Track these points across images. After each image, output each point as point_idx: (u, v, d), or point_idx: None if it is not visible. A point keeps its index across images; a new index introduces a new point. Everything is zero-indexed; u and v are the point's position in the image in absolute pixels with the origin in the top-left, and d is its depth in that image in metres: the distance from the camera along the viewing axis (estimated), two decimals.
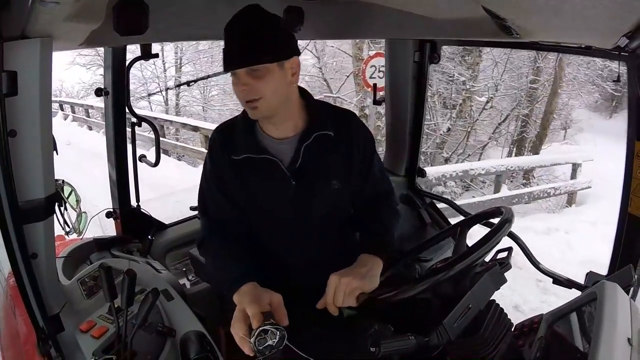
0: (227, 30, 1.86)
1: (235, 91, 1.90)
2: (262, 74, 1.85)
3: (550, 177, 13.93)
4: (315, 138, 1.99)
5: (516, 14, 1.65)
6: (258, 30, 1.85)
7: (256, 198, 2.03)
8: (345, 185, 2.07)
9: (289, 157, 2.00)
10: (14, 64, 1.41)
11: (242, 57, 1.84)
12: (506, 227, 1.88)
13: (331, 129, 2.03)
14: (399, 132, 3.32)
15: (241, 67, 1.84)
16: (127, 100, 2.69)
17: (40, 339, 1.66)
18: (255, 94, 1.86)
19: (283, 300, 1.76)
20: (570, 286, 2.21)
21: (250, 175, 2.00)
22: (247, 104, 1.88)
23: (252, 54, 1.84)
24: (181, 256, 3.08)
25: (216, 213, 2.06)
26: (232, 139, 2.03)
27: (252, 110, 1.90)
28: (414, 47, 3.06)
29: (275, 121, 2.00)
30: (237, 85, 1.86)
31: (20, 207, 1.52)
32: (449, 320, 1.68)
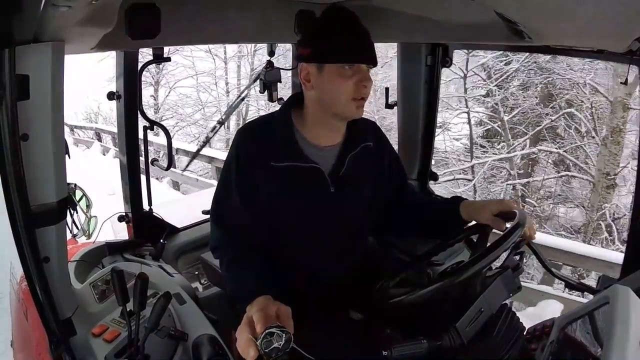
0: (352, 22, 1.90)
1: (344, 87, 1.87)
2: (370, 75, 1.90)
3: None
4: (361, 148, 2.04)
5: (528, 17, 1.64)
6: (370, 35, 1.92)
7: (291, 205, 1.99)
8: (375, 194, 2.10)
9: (331, 164, 2.01)
10: (26, 67, 1.41)
11: (372, 53, 1.91)
12: (519, 231, 1.86)
13: (371, 139, 2.08)
14: (411, 136, 3.31)
15: (372, 63, 1.90)
16: (140, 104, 2.70)
17: (53, 342, 1.66)
18: (367, 93, 1.90)
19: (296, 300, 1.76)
20: (583, 290, 2.19)
21: (290, 182, 1.96)
22: (358, 101, 1.90)
23: (375, 53, 1.92)
24: (193, 260, 3.08)
25: (234, 220, 1.99)
26: (268, 143, 1.97)
27: (359, 108, 1.92)
28: (425, 51, 3.05)
29: (337, 126, 2.01)
30: (354, 80, 1.87)
31: (33, 210, 1.53)
32: (461, 324, 1.67)
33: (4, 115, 1.39)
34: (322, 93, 1.92)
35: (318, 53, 1.89)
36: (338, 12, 1.92)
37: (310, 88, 1.94)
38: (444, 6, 2.02)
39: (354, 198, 2.05)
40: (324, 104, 1.94)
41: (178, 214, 3.36)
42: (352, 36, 1.87)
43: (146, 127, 2.76)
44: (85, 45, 1.92)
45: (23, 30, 1.37)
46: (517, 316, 1.86)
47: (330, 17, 1.91)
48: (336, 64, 1.86)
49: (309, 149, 1.98)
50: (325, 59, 1.87)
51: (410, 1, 2.13)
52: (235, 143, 2.00)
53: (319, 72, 1.89)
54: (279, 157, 1.94)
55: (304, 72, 1.93)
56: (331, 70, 1.87)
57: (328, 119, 1.98)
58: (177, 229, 3.06)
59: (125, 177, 2.83)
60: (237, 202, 1.97)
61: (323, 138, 2.01)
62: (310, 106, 1.99)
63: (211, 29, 2.37)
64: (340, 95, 1.88)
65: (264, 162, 1.94)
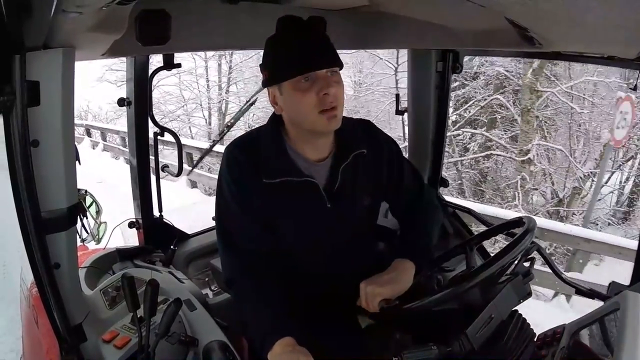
0: (293, 33, 1.80)
1: (306, 101, 1.76)
2: (338, 78, 1.80)
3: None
4: (353, 158, 1.94)
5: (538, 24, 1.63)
6: (325, 36, 1.84)
7: (288, 221, 1.94)
8: (375, 200, 2.05)
9: (325, 178, 1.94)
10: (36, 74, 1.42)
11: (326, 57, 1.80)
12: (528, 237, 1.85)
13: (364, 146, 1.98)
14: (421, 142, 3.30)
15: (326, 67, 1.77)
16: (150, 110, 2.70)
17: (63, 349, 1.66)
18: (336, 100, 1.77)
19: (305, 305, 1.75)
20: (593, 296, 2.17)
21: (285, 198, 1.89)
22: (327, 112, 1.77)
23: (333, 55, 1.81)
24: (203, 266, 3.08)
25: (247, 244, 1.89)
26: (259, 160, 1.89)
27: (330, 120, 1.79)
28: (436, 57, 3.04)
29: (322, 140, 1.92)
30: (314, 90, 1.75)
31: (43, 217, 1.53)
32: (472, 330, 1.66)
33: (14, 121, 1.40)
34: (290, 113, 1.86)
35: (272, 74, 1.83)
36: (284, 23, 1.84)
37: (280, 110, 1.87)
38: (455, 12, 2.01)
39: (353, 210, 1.99)
40: (296, 123, 1.87)
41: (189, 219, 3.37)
42: (298, 45, 1.77)
43: (157, 133, 2.77)
44: (96, 51, 1.92)
45: (33, 36, 1.38)
46: (527, 322, 1.84)
47: (278, 32, 1.85)
48: (291, 79, 1.77)
49: (302, 163, 1.92)
50: (279, 78, 1.81)
51: (421, 7, 2.12)
52: (226, 158, 1.93)
53: (281, 93, 1.83)
54: (271, 173, 1.87)
55: (271, 96, 1.88)
56: (289, 88, 1.79)
57: (309, 135, 1.89)
58: (187, 235, 3.06)
59: (136, 183, 2.83)
60: (249, 223, 1.90)
61: (312, 153, 1.93)
62: (287, 126, 1.92)
63: (221, 35, 2.37)
64: (305, 112, 1.78)
65: (255, 178, 1.87)
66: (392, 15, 2.44)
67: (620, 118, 7.64)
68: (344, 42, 2.83)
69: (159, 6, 1.94)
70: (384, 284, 1.79)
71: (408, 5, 2.16)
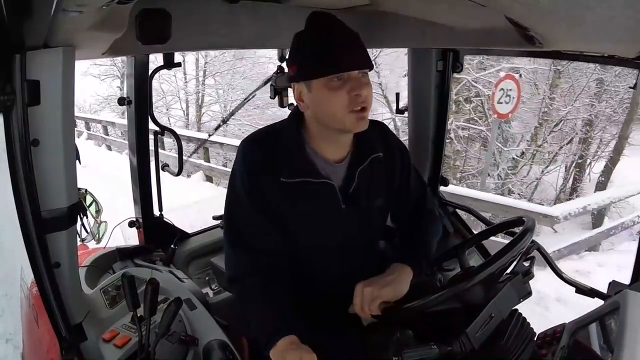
0: (328, 30, 1.76)
1: (337, 100, 1.73)
2: (368, 80, 1.78)
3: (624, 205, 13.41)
4: (370, 161, 1.93)
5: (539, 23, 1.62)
6: (358, 37, 1.80)
7: (301, 220, 1.91)
8: (386, 202, 2.04)
9: (341, 179, 1.92)
10: (36, 73, 1.42)
11: (360, 57, 1.77)
12: (528, 236, 1.85)
13: (380, 149, 1.97)
14: (421, 141, 3.30)
15: (359, 68, 1.75)
16: (150, 110, 2.70)
17: (63, 348, 1.66)
18: (366, 101, 1.75)
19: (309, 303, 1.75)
20: (593, 295, 2.17)
21: (301, 198, 1.87)
22: (357, 113, 1.75)
23: (367, 56, 1.80)
24: (204, 265, 3.08)
25: (256, 242, 1.87)
26: (277, 158, 1.85)
27: (360, 121, 1.77)
28: (436, 57, 3.04)
29: (343, 139, 1.90)
30: (345, 90, 1.73)
31: (43, 216, 1.53)
32: (472, 329, 1.66)
33: (14, 120, 1.40)
34: (317, 111, 1.82)
35: (302, 70, 1.80)
36: (317, 20, 1.82)
37: (306, 108, 1.84)
38: (455, 11, 2.01)
39: (366, 213, 1.98)
40: (322, 121, 1.83)
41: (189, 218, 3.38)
42: (333, 44, 1.74)
43: (157, 132, 2.76)
44: (96, 51, 1.93)
45: (34, 35, 1.38)
46: (527, 322, 1.85)
47: (309, 28, 1.83)
48: (322, 77, 1.74)
49: (321, 164, 1.89)
50: (310, 75, 1.77)
51: (421, 6, 2.12)
52: (242, 153, 1.90)
53: (309, 90, 1.79)
54: (289, 171, 1.84)
55: (297, 92, 1.84)
56: (319, 86, 1.75)
57: (332, 134, 1.87)
58: (187, 234, 3.06)
59: (136, 182, 2.83)
60: (262, 222, 1.87)
61: (331, 153, 1.91)
62: (310, 123, 1.88)
63: (222, 34, 2.37)
64: (334, 110, 1.75)
65: (272, 176, 1.84)
66: (392, 15, 2.43)
67: (503, 94, 8.81)
68: None
69: (159, 5, 1.94)
70: (384, 286, 1.78)
71: (408, 5, 2.16)
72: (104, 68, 22.35)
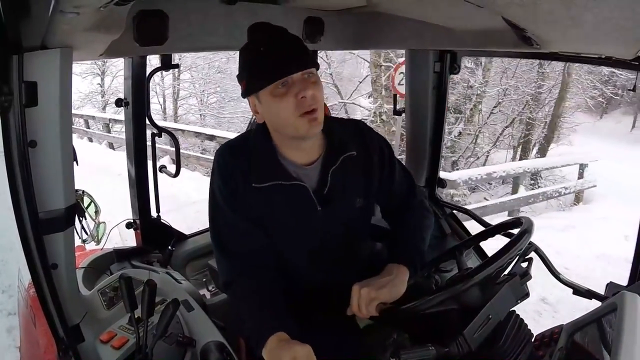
0: (264, 40, 1.77)
1: (284, 106, 1.74)
2: (315, 79, 1.78)
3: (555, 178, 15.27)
4: (342, 161, 1.92)
5: (536, 24, 1.63)
6: (297, 39, 1.82)
7: (280, 225, 1.93)
8: (367, 200, 2.03)
9: (315, 182, 1.93)
10: (34, 74, 1.41)
11: (298, 60, 1.76)
12: (526, 238, 1.85)
13: (353, 147, 1.96)
14: (419, 142, 3.30)
15: (300, 69, 1.74)
16: (147, 111, 2.70)
17: (61, 349, 1.66)
18: (315, 102, 1.75)
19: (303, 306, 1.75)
20: (591, 297, 2.18)
21: (276, 203, 1.89)
22: (307, 115, 1.74)
23: (306, 57, 1.79)
24: (201, 267, 3.08)
25: (241, 245, 1.90)
26: (248, 164, 1.88)
27: (312, 123, 1.76)
28: (434, 58, 3.04)
29: (306, 145, 1.90)
30: (291, 95, 1.72)
31: (41, 217, 1.53)
32: (469, 331, 1.66)
33: (12, 122, 1.40)
34: (271, 120, 1.84)
35: (249, 84, 1.81)
36: (255, 31, 1.85)
37: (261, 119, 1.87)
38: (453, 13, 2.01)
39: (344, 213, 1.98)
40: (279, 130, 1.85)
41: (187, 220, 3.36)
42: (270, 52, 1.75)
43: (154, 133, 2.76)
44: (94, 52, 1.92)
45: (31, 36, 1.38)
46: (525, 323, 1.84)
47: (249, 41, 1.85)
48: (267, 87, 1.75)
49: (292, 167, 1.90)
50: (255, 88, 1.79)
51: (419, 8, 2.12)
52: (216, 163, 1.93)
53: (259, 101, 1.81)
54: (261, 177, 1.86)
55: (252, 106, 1.87)
56: (266, 96, 1.77)
57: (293, 142, 1.88)
58: (185, 235, 3.06)
59: (133, 183, 2.83)
60: (242, 224, 1.90)
61: (300, 158, 1.92)
62: (273, 133, 1.90)
63: (219, 36, 2.37)
64: (285, 117, 1.76)
65: (245, 182, 1.87)
66: (389, 16, 2.44)
67: (402, 78, 9.15)
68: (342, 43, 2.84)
69: (156, 7, 1.94)
70: (381, 287, 1.78)
71: (406, 6, 2.17)
72: (85, 67, 22.87)
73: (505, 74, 17.68)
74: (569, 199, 12.63)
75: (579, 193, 12.04)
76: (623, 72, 17.48)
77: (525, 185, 14.30)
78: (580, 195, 12.09)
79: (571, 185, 11.95)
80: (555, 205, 12.63)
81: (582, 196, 12.11)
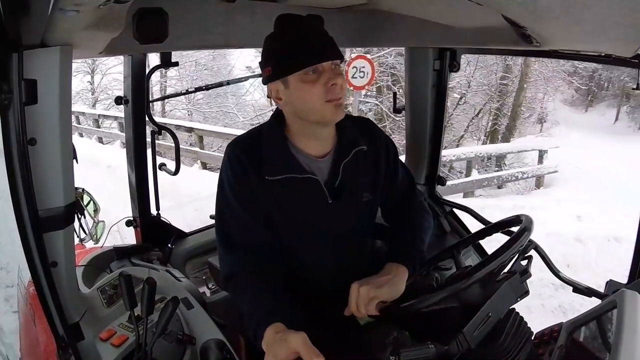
0: (295, 29, 1.83)
1: (314, 92, 1.79)
2: (340, 71, 1.84)
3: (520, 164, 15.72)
4: (353, 155, 1.97)
5: (536, 22, 1.62)
6: (326, 31, 1.88)
7: (290, 217, 1.95)
8: (374, 196, 2.06)
9: (326, 174, 1.96)
10: (33, 72, 1.41)
11: (331, 50, 1.83)
12: (525, 236, 1.85)
13: (363, 143, 2.00)
14: (418, 141, 3.30)
15: (331, 59, 1.81)
16: (147, 109, 2.69)
17: (60, 347, 1.65)
18: (342, 91, 1.82)
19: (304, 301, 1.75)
20: (590, 294, 2.17)
21: (287, 195, 1.92)
22: (335, 102, 1.81)
23: (337, 48, 1.85)
24: (201, 264, 3.08)
25: (246, 241, 1.90)
26: (260, 157, 1.91)
27: (338, 109, 1.83)
28: (433, 56, 3.04)
29: (323, 134, 1.95)
30: (321, 82, 1.79)
31: (40, 215, 1.53)
32: (469, 329, 1.67)
33: (12, 119, 1.40)
34: (295, 106, 1.87)
35: (277, 69, 1.84)
36: (284, 21, 1.89)
37: (284, 105, 1.89)
38: (452, 11, 2.00)
39: (353, 206, 2.01)
40: (302, 115, 1.88)
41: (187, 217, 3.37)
42: (303, 39, 1.81)
43: (154, 131, 2.76)
44: (93, 50, 1.92)
45: (31, 34, 1.38)
46: (524, 321, 1.85)
47: (279, 28, 1.89)
48: (297, 72, 1.80)
49: (304, 160, 1.94)
50: (285, 72, 1.82)
51: (419, 6, 2.12)
52: (227, 157, 1.94)
53: (285, 87, 1.85)
54: (273, 170, 1.89)
55: (274, 92, 1.89)
56: (295, 81, 1.81)
57: (313, 129, 1.92)
58: (184, 233, 3.06)
59: (133, 181, 2.82)
60: (249, 220, 1.91)
61: (314, 148, 1.96)
62: (291, 121, 1.94)
63: (219, 34, 2.37)
64: (312, 102, 1.81)
65: (258, 175, 1.89)
66: (389, 14, 2.44)
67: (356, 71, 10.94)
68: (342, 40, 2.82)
69: (156, 4, 1.93)
70: (381, 286, 1.78)
71: (405, 4, 2.16)
72: (75, 65, 22.73)
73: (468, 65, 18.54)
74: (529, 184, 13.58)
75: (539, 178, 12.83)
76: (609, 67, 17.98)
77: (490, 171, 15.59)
78: (541, 180, 12.84)
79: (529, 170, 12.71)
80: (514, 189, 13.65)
81: (542, 181, 12.88)
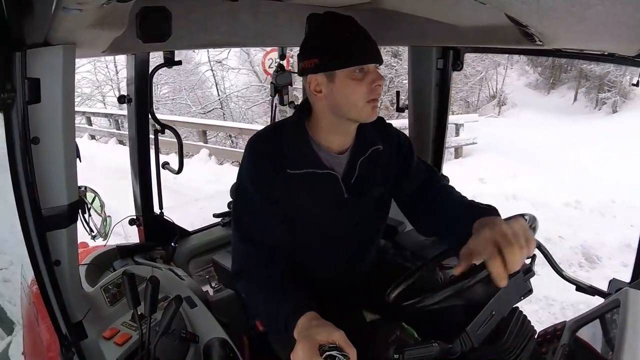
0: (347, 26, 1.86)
1: (359, 90, 1.82)
2: (381, 74, 1.86)
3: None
4: (370, 152, 2.00)
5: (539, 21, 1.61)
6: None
7: (307, 211, 1.95)
8: (386, 191, 2.08)
9: (343, 170, 1.98)
10: (37, 71, 1.42)
11: (378, 53, 1.87)
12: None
13: (379, 141, 2.03)
14: (422, 139, 3.29)
15: (380, 62, 1.86)
16: (150, 108, 2.69)
17: (64, 346, 1.66)
18: (380, 92, 1.86)
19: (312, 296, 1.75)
20: (594, 293, 2.17)
21: (304, 190, 1.92)
22: (373, 102, 1.85)
23: (379, 51, 1.88)
24: (204, 263, 3.08)
25: (261, 235, 1.89)
26: (281, 151, 1.91)
27: (374, 110, 1.88)
28: (437, 55, 3.03)
29: (350, 130, 1.97)
30: (366, 81, 1.81)
31: (43, 214, 1.53)
32: (472, 327, 1.66)
33: (15, 118, 1.40)
34: (336, 101, 1.86)
35: (326, 61, 1.84)
36: (336, 18, 1.90)
37: (323, 98, 1.87)
38: (456, 9, 2.00)
39: (366, 202, 2.02)
40: (339, 111, 1.87)
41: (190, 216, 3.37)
42: (356, 38, 1.83)
43: (157, 130, 2.76)
44: (96, 49, 1.92)
45: (34, 33, 1.38)
46: (528, 320, 1.84)
47: (329, 24, 1.89)
48: (347, 68, 1.80)
49: (324, 155, 1.95)
50: (336, 65, 1.81)
51: (422, 5, 2.11)
52: (249, 151, 1.94)
53: (330, 80, 1.83)
54: (295, 163, 1.89)
55: (314, 84, 1.87)
56: (343, 76, 1.81)
57: (342, 125, 1.93)
58: (188, 232, 3.06)
59: (136, 180, 2.83)
60: (267, 216, 1.91)
61: (335, 144, 1.97)
62: (322, 115, 1.93)
63: (222, 33, 2.36)
64: (356, 100, 1.82)
65: (278, 169, 1.88)
66: (392, 13, 2.43)
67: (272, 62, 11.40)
68: None
69: (159, 3, 1.94)
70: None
71: (409, 3, 2.16)
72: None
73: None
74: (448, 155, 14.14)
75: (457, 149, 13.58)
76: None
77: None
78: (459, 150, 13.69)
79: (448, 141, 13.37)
80: None
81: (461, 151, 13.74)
